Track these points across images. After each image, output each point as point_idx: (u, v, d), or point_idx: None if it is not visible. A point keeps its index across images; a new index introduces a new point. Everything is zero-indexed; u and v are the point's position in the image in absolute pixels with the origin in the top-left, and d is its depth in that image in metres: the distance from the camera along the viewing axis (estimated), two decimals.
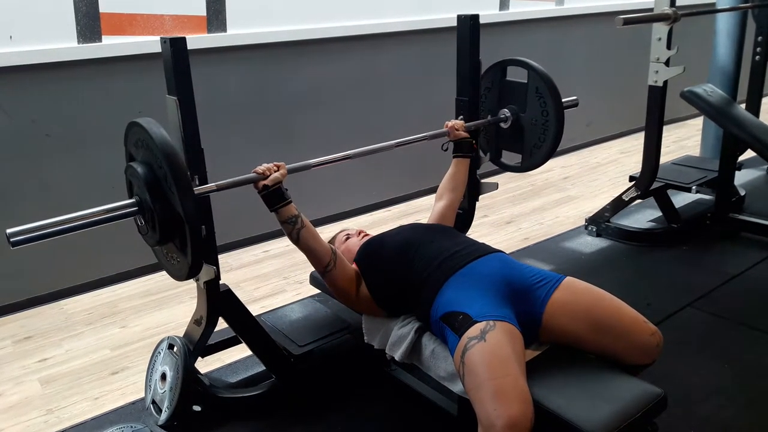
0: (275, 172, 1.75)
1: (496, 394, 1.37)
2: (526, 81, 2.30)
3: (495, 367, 1.42)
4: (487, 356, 1.44)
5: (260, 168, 1.75)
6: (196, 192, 1.60)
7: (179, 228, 1.52)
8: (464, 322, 1.52)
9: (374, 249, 1.88)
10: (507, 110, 2.36)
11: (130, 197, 1.63)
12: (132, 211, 1.58)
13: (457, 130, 2.20)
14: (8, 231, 1.38)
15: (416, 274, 1.72)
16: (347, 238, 2.08)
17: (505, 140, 2.43)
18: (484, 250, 1.77)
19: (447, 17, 3.71)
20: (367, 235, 2.07)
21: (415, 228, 1.95)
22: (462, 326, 1.52)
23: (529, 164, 2.39)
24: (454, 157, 2.25)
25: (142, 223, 1.61)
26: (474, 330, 1.49)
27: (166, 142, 1.49)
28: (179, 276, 1.64)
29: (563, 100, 2.28)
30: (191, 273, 1.58)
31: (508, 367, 1.42)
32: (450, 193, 2.19)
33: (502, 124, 2.38)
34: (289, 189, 1.77)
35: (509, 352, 1.45)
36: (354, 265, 1.89)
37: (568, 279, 1.68)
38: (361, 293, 1.83)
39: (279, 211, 1.73)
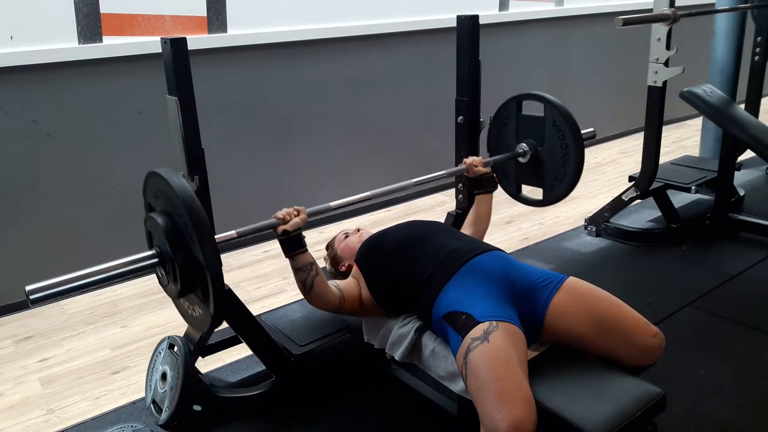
0: (295, 216, 1.72)
1: (499, 396, 1.37)
2: (542, 115, 2.27)
3: (498, 368, 1.41)
4: (490, 358, 1.44)
5: (280, 213, 1.72)
6: (217, 240, 1.56)
7: (201, 279, 1.49)
8: (467, 322, 1.52)
9: (373, 247, 1.88)
10: (525, 144, 2.33)
11: (150, 248, 1.60)
12: (152, 263, 1.55)
13: (476, 166, 2.17)
14: (27, 288, 1.35)
15: (417, 271, 1.72)
16: (346, 237, 2.08)
17: (525, 175, 2.40)
18: (485, 248, 1.77)
19: (447, 17, 3.72)
20: (363, 231, 2.08)
21: (413, 224, 1.96)
22: (465, 326, 1.51)
23: (550, 198, 2.36)
24: (475, 194, 2.20)
25: (162, 275, 1.58)
26: (477, 331, 1.49)
27: (186, 191, 1.47)
28: (201, 327, 1.60)
29: (582, 132, 2.24)
30: (213, 324, 1.54)
31: (511, 369, 1.42)
32: (470, 227, 2.16)
33: (521, 159, 2.35)
34: (290, 190, 1.76)
35: (512, 354, 1.45)
36: (354, 266, 1.90)
37: (570, 280, 1.68)
38: (365, 301, 1.84)
39: (295, 258, 1.71)
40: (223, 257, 1.49)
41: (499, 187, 2.42)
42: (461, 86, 2.32)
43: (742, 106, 3.44)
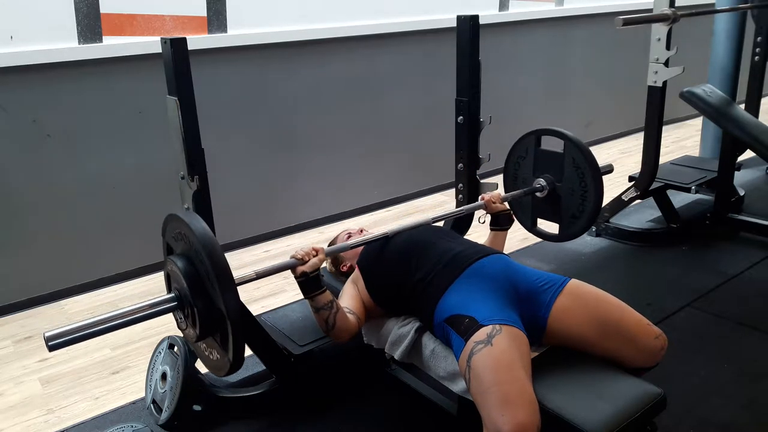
0: (313, 257, 1.69)
1: (503, 400, 1.37)
2: (561, 150, 2.24)
3: (502, 372, 1.41)
4: (494, 361, 1.43)
5: (299, 253, 1.69)
6: (236, 281, 1.53)
7: (220, 323, 1.46)
8: (470, 325, 1.51)
9: (376, 251, 1.88)
10: (543, 179, 2.31)
11: (169, 292, 1.58)
12: (171, 306, 1.53)
13: (494, 202, 2.15)
14: (46, 335, 1.33)
15: (419, 275, 1.72)
16: (349, 237, 2.08)
17: (541, 209, 2.38)
18: (487, 251, 1.77)
19: (447, 17, 3.72)
20: (366, 232, 2.07)
21: (416, 228, 1.95)
22: (468, 330, 1.51)
23: (567, 234, 2.33)
24: (491, 229, 2.18)
25: (181, 319, 1.56)
26: (480, 334, 1.48)
27: (207, 235, 1.44)
28: (219, 372, 1.57)
29: (600, 167, 2.21)
30: (232, 369, 1.51)
31: (515, 373, 1.41)
32: None
33: (538, 194, 2.33)
34: (291, 190, 1.76)
35: (516, 357, 1.45)
36: (356, 268, 1.90)
37: (573, 282, 1.68)
38: (366, 304, 1.83)
39: (315, 299, 1.68)
40: None
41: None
42: (461, 86, 2.32)
43: (742, 106, 3.44)
